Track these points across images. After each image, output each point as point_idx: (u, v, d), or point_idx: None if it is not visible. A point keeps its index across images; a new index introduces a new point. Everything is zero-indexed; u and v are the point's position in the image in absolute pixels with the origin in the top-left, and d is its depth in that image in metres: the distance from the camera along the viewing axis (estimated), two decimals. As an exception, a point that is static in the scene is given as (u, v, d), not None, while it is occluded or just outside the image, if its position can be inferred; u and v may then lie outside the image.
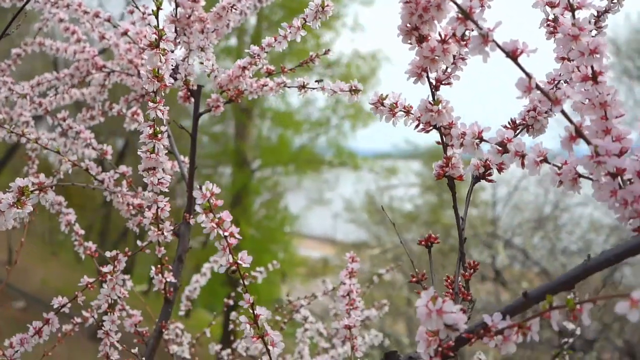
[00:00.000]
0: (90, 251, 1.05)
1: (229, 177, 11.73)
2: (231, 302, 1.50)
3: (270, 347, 0.65)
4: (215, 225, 0.62)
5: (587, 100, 0.55)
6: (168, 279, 0.96)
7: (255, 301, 0.67)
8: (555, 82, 0.70)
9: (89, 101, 1.23)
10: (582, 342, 5.78)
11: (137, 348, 0.95)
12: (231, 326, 1.43)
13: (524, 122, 0.69)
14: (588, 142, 0.51)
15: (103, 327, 0.92)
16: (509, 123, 0.70)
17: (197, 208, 0.61)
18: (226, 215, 0.63)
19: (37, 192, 0.65)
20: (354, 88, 0.85)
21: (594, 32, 0.72)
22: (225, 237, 0.62)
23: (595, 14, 0.73)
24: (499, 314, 0.52)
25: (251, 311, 0.65)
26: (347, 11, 10.89)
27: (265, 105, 11.90)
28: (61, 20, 1.19)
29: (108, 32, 1.16)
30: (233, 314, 1.43)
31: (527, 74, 0.51)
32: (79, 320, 1.14)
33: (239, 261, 0.63)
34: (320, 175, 12.19)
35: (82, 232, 1.10)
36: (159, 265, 0.96)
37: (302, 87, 0.95)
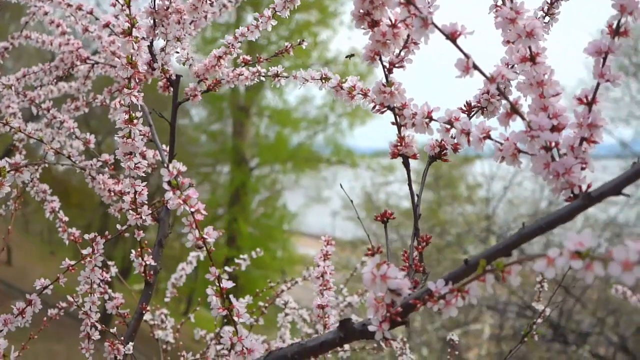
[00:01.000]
0: (74, 237, 1.09)
1: (227, 175, 11.78)
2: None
3: (235, 319, 0.68)
4: (182, 202, 0.65)
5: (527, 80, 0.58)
6: (148, 262, 1.00)
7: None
8: (509, 66, 0.73)
9: (74, 93, 1.26)
10: (576, 336, 5.82)
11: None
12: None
13: (478, 104, 0.73)
14: (523, 118, 0.55)
15: (83, 308, 0.95)
16: (464, 105, 0.73)
17: (165, 185, 0.65)
18: (192, 193, 0.66)
19: (12, 172, 0.68)
20: (324, 76, 0.89)
21: (547, 19, 0.76)
22: (192, 213, 0.66)
23: (549, 1, 0.76)
24: (442, 280, 0.56)
25: (217, 284, 0.68)
26: (344, 9, 10.90)
27: (263, 103, 11.94)
28: (46, 14, 1.22)
29: (92, 25, 1.19)
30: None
31: (465, 55, 0.54)
32: (63, 304, 1.18)
33: (204, 236, 0.67)
34: (318, 173, 12.23)
35: (66, 218, 1.13)
36: (138, 249, 0.99)
37: (276, 75, 0.98)
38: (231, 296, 0.69)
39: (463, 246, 6.17)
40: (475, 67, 0.54)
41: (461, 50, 0.54)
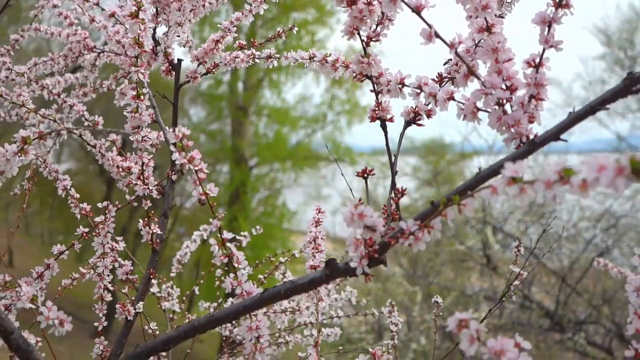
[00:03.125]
0: (85, 211, 1.18)
1: (226, 174, 11.86)
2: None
3: (236, 265, 0.77)
4: (187, 161, 0.74)
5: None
6: (155, 231, 1.09)
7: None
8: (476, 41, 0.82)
9: (81, 81, 1.35)
10: (573, 324, 5.92)
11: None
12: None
13: (449, 74, 0.82)
14: (478, 78, 0.64)
15: (96, 271, 1.04)
16: (436, 76, 0.82)
17: (172, 147, 0.74)
18: (196, 153, 0.75)
19: (37, 140, 0.77)
20: (312, 56, 0.97)
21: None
22: (196, 171, 0.75)
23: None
24: (412, 220, 0.65)
25: (219, 235, 0.77)
26: (341, 8, 10.93)
27: (262, 102, 12.02)
28: (55, 6, 1.31)
29: (98, 15, 1.28)
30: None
31: (428, 25, 0.64)
32: (76, 275, 1.27)
33: (207, 191, 0.76)
34: (317, 172, 12.32)
35: (77, 195, 1.22)
36: (146, 219, 1.08)
37: (269, 57, 1.07)
38: (231, 245, 0.78)
39: (459, 238, 6.26)
40: (437, 35, 0.63)
41: (425, 21, 0.63)
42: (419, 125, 0.80)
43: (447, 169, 10.90)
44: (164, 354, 1.45)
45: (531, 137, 0.63)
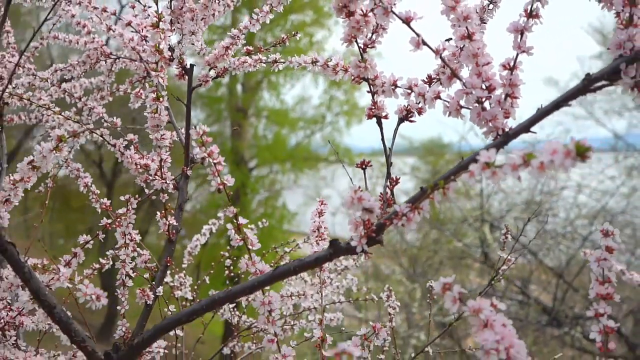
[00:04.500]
0: (105, 206, 1.27)
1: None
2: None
3: (250, 247, 0.87)
4: (207, 155, 0.84)
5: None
6: (171, 222, 1.18)
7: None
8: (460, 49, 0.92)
9: (99, 85, 1.45)
10: (570, 319, 6.02)
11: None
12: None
13: (437, 76, 0.91)
14: (460, 80, 0.74)
15: (120, 259, 1.14)
16: (426, 77, 0.92)
17: (194, 143, 0.83)
18: (215, 148, 0.85)
19: (71, 137, 0.87)
20: (314, 60, 1.07)
21: (490, 6, 0.95)
22: (215, 163, 0.85)
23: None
24: (404, 203, 0.74)
25: (235, 220, 0.87)
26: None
27: (261, 104, 12.12)
28: (73, 16, 1.41)
29: (114, 25, 1.38)
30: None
31: (417, 34, 0.73)
32: (97, 265, 1.37)
33: (225, 181, 0.86)
34: (316, 173, 12.41)
35: (97, 191, 1.32)
36: (163, 211, 1.18)
37: (275, 61, 1.17)
38: (246, 230, 0.88)
39: (458, 236, 6.36)
40: (424, 43, 0.73)
41: (413, 31, 0.73)
42: (411, 121, 0.90)
43: (446, 168, 10.98)
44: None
45: (506, 130, 0.73)
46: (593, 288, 0.69)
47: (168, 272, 1.52)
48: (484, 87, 0.74)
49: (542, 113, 0.69)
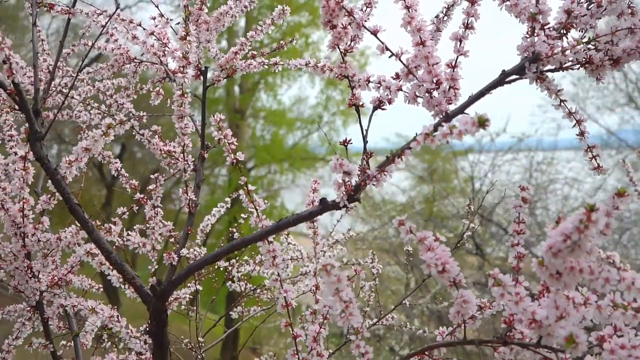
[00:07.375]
0: (134, 186, 1.53)
1: (225, 177, 12.20)
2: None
3: (257, 208, 1.12)
4: (223, 137, 1.09)
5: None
6: (191, 197, 1.44)
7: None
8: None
9: (125, 85, 1.70)
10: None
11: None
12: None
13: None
14: (414, 75, 0.99)
15: (148, 227, 1.39)
16: (395, 74, 1.18)
17: (212, 127, 1.09)
18: (229, 132, 1.10)
19: (119, 124, 1.12)
20: (307, 62, 1.33)
21: (445, 18, 1.20)
22: (229, 143, 1.10)
23: (446, 6, 1.21)
24: (375, 168, 1.00)
25: (246, 187, 1.13)
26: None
27: (258, 105, 12.35)
28: (103, 27, 1.66)
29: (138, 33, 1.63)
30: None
31: (382, 43, 0.99)
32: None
33: (237, 157, 1.11)
34: (314, 172, 12.64)
35: (127, 175, 1.57)
36: (184, 188, 1.43)
37: (276, 64, 1.43)
38: (255, 196, 1.13)
39: (451, 230, 6.62)
40: (387, 48, 0.99)
41: (379, 40, 0.99)
42: (383, 109, 1.16)
43: (442, 166, 11.22)
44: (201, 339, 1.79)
45: (449, 112, 0.98)
46: (511, 226, 0.95)
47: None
48: (433, 81, 1.00)
49: (471, 99, 0.94)
